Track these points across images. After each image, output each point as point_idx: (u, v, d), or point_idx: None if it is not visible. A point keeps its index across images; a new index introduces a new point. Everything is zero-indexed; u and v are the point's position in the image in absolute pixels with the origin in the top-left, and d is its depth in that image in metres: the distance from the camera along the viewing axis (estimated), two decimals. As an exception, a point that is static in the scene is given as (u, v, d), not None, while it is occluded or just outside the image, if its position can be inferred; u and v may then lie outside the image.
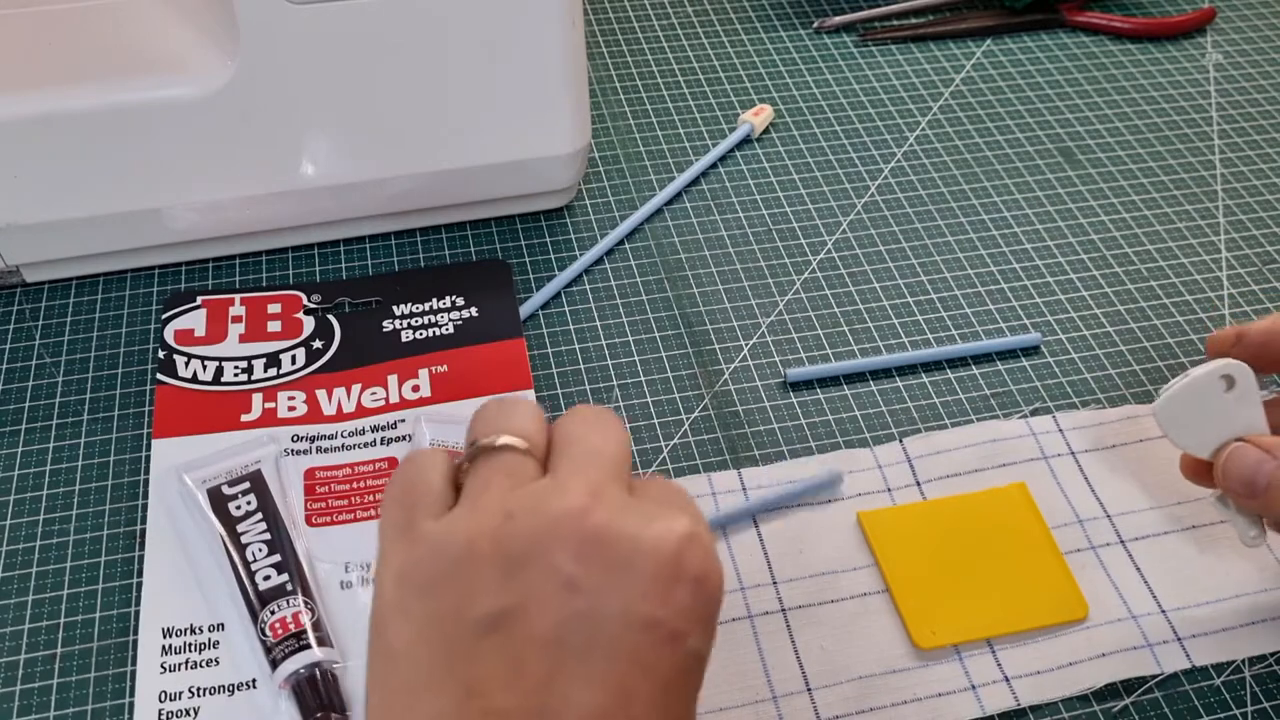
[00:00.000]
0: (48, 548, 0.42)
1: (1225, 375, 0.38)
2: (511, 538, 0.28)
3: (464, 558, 0.28)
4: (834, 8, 0.68)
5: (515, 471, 0.29)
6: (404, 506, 0.30)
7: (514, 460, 0.30)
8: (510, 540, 0.28)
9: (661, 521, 0.28)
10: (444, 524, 0.29)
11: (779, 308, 0.51)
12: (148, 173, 0.47)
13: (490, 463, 0.30)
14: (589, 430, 0.31)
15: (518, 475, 0.29)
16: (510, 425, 0.31)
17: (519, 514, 0.28)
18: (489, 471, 0.29)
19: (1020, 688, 0.39)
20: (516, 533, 0.28)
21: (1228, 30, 0.68)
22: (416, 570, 0.28)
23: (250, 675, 0.38)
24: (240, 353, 0.47)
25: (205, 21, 0.48)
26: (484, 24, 0.46)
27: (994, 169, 0.58)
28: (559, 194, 0.54)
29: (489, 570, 0.27)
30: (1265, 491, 0.37)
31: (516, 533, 0.28)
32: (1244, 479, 0.37)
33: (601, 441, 0.30)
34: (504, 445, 0.30)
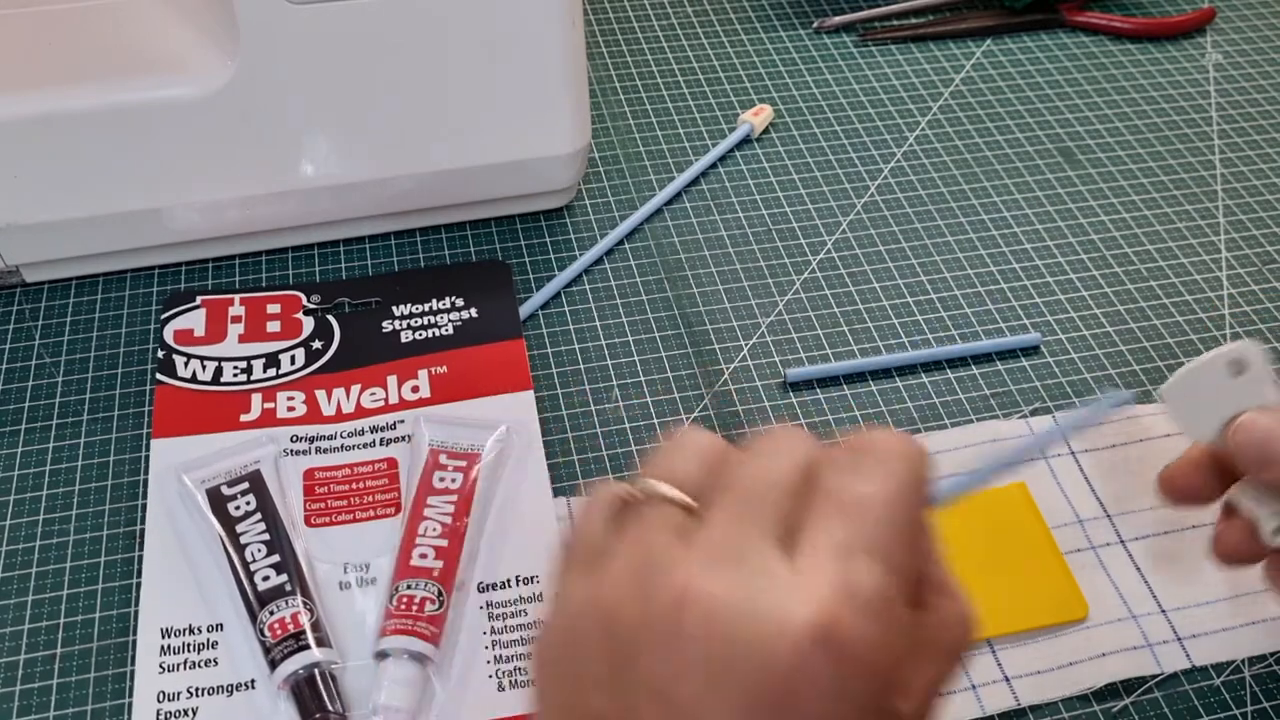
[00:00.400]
0: (47, 548, 0.42)
1: (1234, 360, 0.36)
2: (619, 621, 0.25)
3: (582, 638, 0.26)
4: (834, 8, 0.68)
5: (655, 526, 0.27)
6: (565, 549, 0.29)
7: (656, 513, 0.27)
8: (619, 625, 0.25)
9: (789, 595, 0.24)
10: (580, 585, 0.27)
11: (779, 308, 0.51)
12: (148, 173, 0.47)
13: (637, 515, 0.28)
14: (750, 461, 0.27)
15: (656, 532, 0.27)
16: (669, 466, 0.28)
17: (632, 589, 0.26)
18: (633, 526, 0.28)
19: (1020, 688, 0.39)
20: (625, 616, 0.25)
21: (1228, 30, 0.68)
22: (549, 636, 0.27)
23: (249, 676, 0.38)
24: (240, 353, 0.47)
25: (205, 21, 0.48)
26: (484, 24, 0.46)
27: (994, 169, 0.58)
28: (559, 194, 0.54)
29: (599, 662, 0.25)
30: None
31: (625, 616, 0.25)
32: (1257, 446, 0.35)
33: (756, 473, 0.27)
34: (650, 493, 0.28)
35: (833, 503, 0.26)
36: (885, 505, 0.26)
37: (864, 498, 0.26)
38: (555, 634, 0.27)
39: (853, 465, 0.27)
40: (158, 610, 0.39)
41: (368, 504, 0.42)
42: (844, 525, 0.25)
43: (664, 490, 0.28)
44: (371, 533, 0.42)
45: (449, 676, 0.38)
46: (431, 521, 0.40)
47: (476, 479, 0.42)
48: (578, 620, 0.26)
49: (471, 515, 0.41)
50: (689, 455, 0.29)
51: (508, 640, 0.39)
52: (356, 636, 0.39)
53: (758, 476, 0.27)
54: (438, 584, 0.39)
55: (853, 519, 0.26)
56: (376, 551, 0.41)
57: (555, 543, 0.29)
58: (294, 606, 0.38)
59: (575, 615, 0.27)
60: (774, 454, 0.28)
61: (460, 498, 0.41)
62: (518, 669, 0.38)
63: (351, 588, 0.40)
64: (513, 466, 0.44)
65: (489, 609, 0.40)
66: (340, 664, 0.38)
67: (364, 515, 0.42)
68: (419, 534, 0.40)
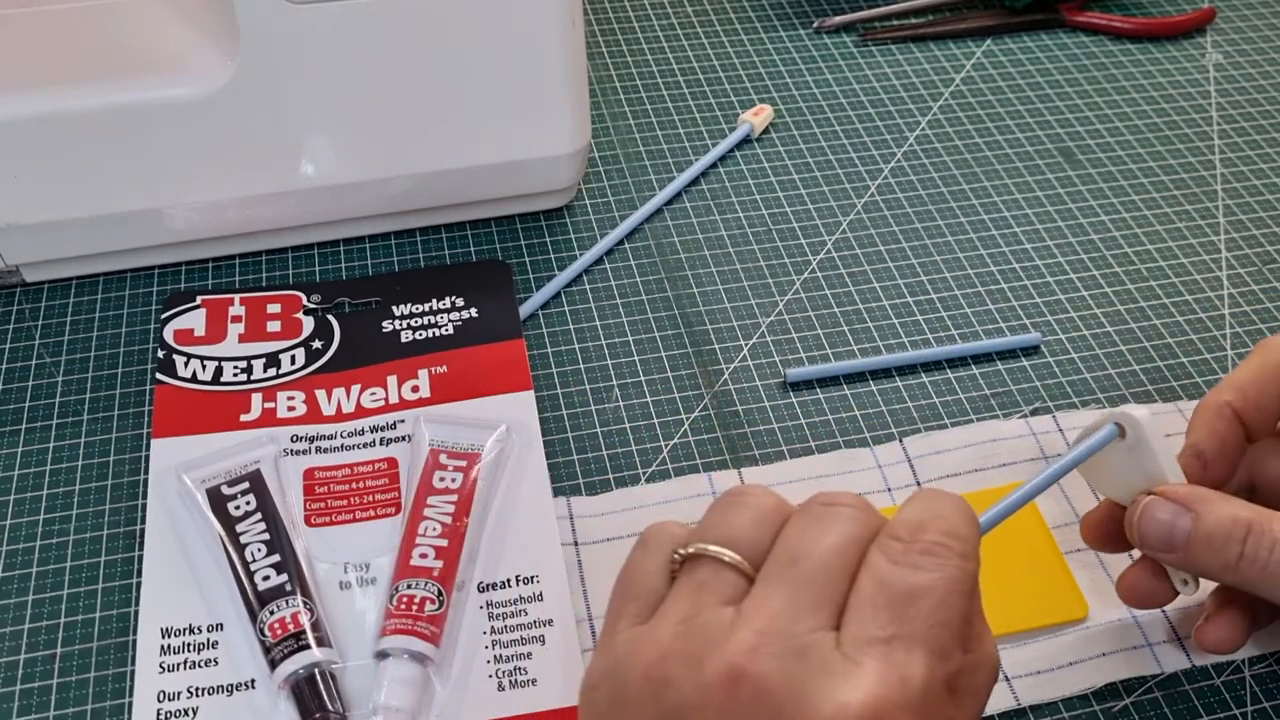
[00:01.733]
0: (47, 548, 0.42)
1: (1117, 423, 0.36)
2: (671, 688, 0.26)
3: (632, 698, 0.26)
4: (834, 8, 0.68)
5: (708, 587, 0.27)
6: (617, 596, 0.29)
7: (711, 575, 0.28)
8: (670, 691, 0.26)
9: (840, 684, 0.24)
10: (631, 639, 0.27)
11: (779, 308, 0.51)
12: (148, 173, 0.47)
13: (690, 573, 0.28)
14: (808, 531, 0.28)
15: (709, 594, 0.27)
16: (728, 527, 0.29)
17: (680, 657, 0.26)
18: (685, 584, 0.28)
19: (1020, 687, 0.39)
20: (676, 683, 0.26)
21: (1228, 30, 0.68)
22: (599, 687, 0.27)
23: (249, 675, 0.38)
24: (240, 353, 0.47)
25: (205, 21, 0.48)
26: (484, 24, 0.46)
27: (994, 169, 0.58)
28: (559, 194, 0.54)
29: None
30: (1185, 547, 0.35)
31: (676, 683, 0.26)
32: (1161, 537, 0.35)
33: (813, 547, 0.27)
34: (704, 553, 0.28)
35: (885, 593, 0.26)
36: (938, 600, 0.26)
37: (916, 589, 0.26)
38: (605, 687, 0.27)
39: (905, 553, 0.27)
40: (158, 610, 0.39)
41: (368, 504, 0.42)
42: (896, 618, 0.26)
43: (724, 555, 0.28)
44: (371, 532, 0.42)
45: (449, 676, 0.38)
46: (431, 521, 0.40)
47: (476, 479, 0.42)
48: (629, 677, 0.27)
49: (471, 515, 0.41)
50: (748, 518, 0.29)
51: (508, 640, 0.39)
52: (356, 636, 0.39)
53: (814, 553, 0.27)
54: (438, 584, 0.39)
55: (904, 610, 0.26)
56: (376, 551, 0.41)
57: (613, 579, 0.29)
58: (294, 606, 0.38)
59: (627, 672, 0.27)
60: (832, 525, 0.28)
61: (460, 498, 0.41)
62: (518, 669, 0.38)
63: (351, 587, 0.40)
64: (513, 466, 0.44)
65: (489, 609, 0.40)
66: (340, 664, 0.38)
67: (364, 515, 0.42)
68: (419, 534, 0.40)
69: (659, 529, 0.30)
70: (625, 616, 0.28)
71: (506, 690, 0.38)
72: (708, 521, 0.29)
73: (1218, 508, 0.35)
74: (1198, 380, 0.48)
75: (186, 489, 0.42)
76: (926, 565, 0.27)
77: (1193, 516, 0.35)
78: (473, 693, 0.38)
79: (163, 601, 0.39)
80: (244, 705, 0.37)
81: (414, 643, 0.37)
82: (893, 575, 0.27)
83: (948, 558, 0.27)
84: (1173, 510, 0.35)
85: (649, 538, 0.30)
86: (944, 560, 0.27)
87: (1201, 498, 0.35)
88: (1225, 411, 0.37)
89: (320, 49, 0.45)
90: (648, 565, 0.29)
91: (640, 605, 0.28)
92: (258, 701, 0.37)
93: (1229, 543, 0.34)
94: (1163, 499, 0.36)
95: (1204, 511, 0.35)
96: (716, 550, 0.28)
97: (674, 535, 0.30)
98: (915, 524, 0.28)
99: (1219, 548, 0.34)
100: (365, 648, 0.38)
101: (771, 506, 0.29)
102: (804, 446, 0.46)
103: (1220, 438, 0.37)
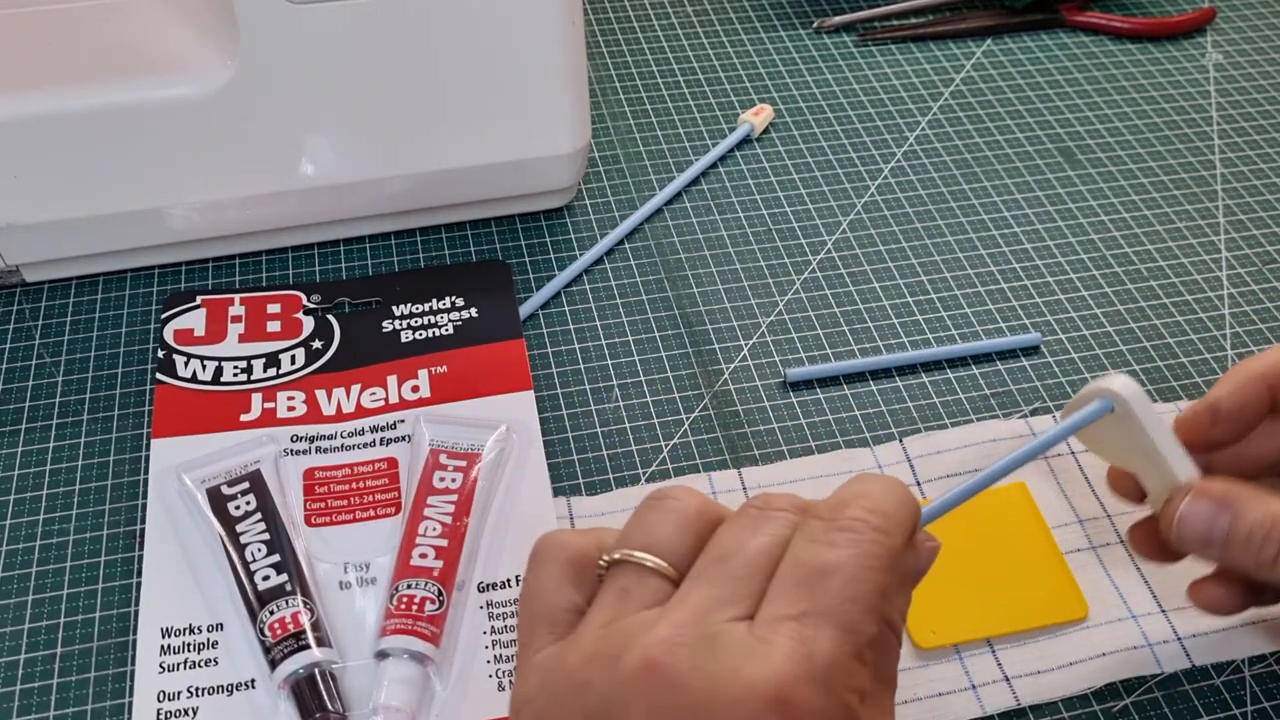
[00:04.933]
0: (47, 548, 0.42)
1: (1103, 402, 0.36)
2: (589, 689, 0.26)
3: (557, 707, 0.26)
4: (834, 8, 0.68)
5: (631, 593, 0.27)
6: (524, 618, 0.29)
7: (634, 580, 0.28)
8: (588, 693, 0.26)
9: (748, 664, 0.24)
10: (556, 652, 0.27)
11: (779, 308, 0.51)
12: (148, 173, 0.47)
13: (612, 579, 0.28)
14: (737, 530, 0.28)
15: (631, 600, 0.27)
16: (648, 531, 0.29)
17: (602, 660, 0.26)
18: (609, 590, 0.28)
19: (1020, 687, 0.39)
20: (594, 683, 0.26)
21: (1228, 30, 0.68)
22: (530, 703, 0.27)
23: (249, 675, 0.38)
24: (240, 353, 0.47)
25: (205, 21, 0.48)
26: (484, 24, 0.46)
27: (994, 169, 0.58)
28: (559, 194, 0.54)
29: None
30: (1223, 545, 0.35)
31: (594, 683, 0.26)
32: (1199, 536, 0.35)
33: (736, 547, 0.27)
34: (628, 559, 0.28)
35: (799, 571, 0.27)
36: (849, 574, 0.26)
37: (827, 566, 0.27)
38: (537, 700, 0.27)
39: (823, 531, 0.27)
40: (158, 610, 0.39)
41: (368, 504, 0.42)
42: (805, 593, 0.26)
43: (645, 560, 0.28)
44: (371, 532, 0.42)
45: (449, 676, 0.38)
46: (432, 521, 0.40)
47: (476, 479, 0.42)
48: (557, 686, 0.27)
49: (471, 515, 0.41)
50: (672, 521, 0.29)
51: (508, 640, 0.39)
52: (356, 636, 0.39)
53: (741, 552, 0.27)
54: (438, 584, 0.39)
55: (814, 587, 0.26)
56: (376, 551, 0.41)
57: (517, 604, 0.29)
58: (294, 606, 0.38)
59: (555, 682, 0.27)
60: (759, 526, 0.28)
61: (460, 498, 0.41)
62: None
63: (351, 587, 0.40)
64: (513, 466, 0.44)
65: (489, 609, 0.40)
66: (340, 664, 0.38)
67: (364, 515, 0.42)
68: (419, 534, 0.40)
69: (545, 541, 0.30)
70: (538, 635, 0.28)
71: (506, 690, 0.38)
72: (631, 525, 0.29)
73: (1255, 506, 0.35)
74: (1198, 380, 0.48)
75: (186, 489, 0.42)
76: (840, 541, 0.27)
77: (1232, 515, 0.35)
78: (473, 693, 0.38)
79: (163, 601, 0.39)
80: (244, 705, 0.37)
81: (414, 643, 0.37)
82: (806, 553, 0.27)
83: (863, 532, 0.27)
84: (1211, 509, 0.35)
85: (537, 553, 0.30)
86: (859, 535, 0.27)
87: (1238, 495, 0.35)
88: (1259, 382, 0.37)
89: (320, 49, 0.45)
90: (544, 581, 0.29)
91: (550, 621, 0.29)
92: (258, 701, 0.37)
93: (1267, 542, 0.34)
94: (1200, 497, 0.35)
95: (1242, 510, 0.35)
96: (639, 556, 0.28)
97: (564, 544, 0.30)
98: (837, 503, 0.28)
99: (1257, 547, 0.34)
100: (365, 648, 0.38)
101: (695, 509, 0.29)
102: (804, 446, 0.46)
103: (1243, 400, 0.37)
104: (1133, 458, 0.37)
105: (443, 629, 0.38)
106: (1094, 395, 0.36)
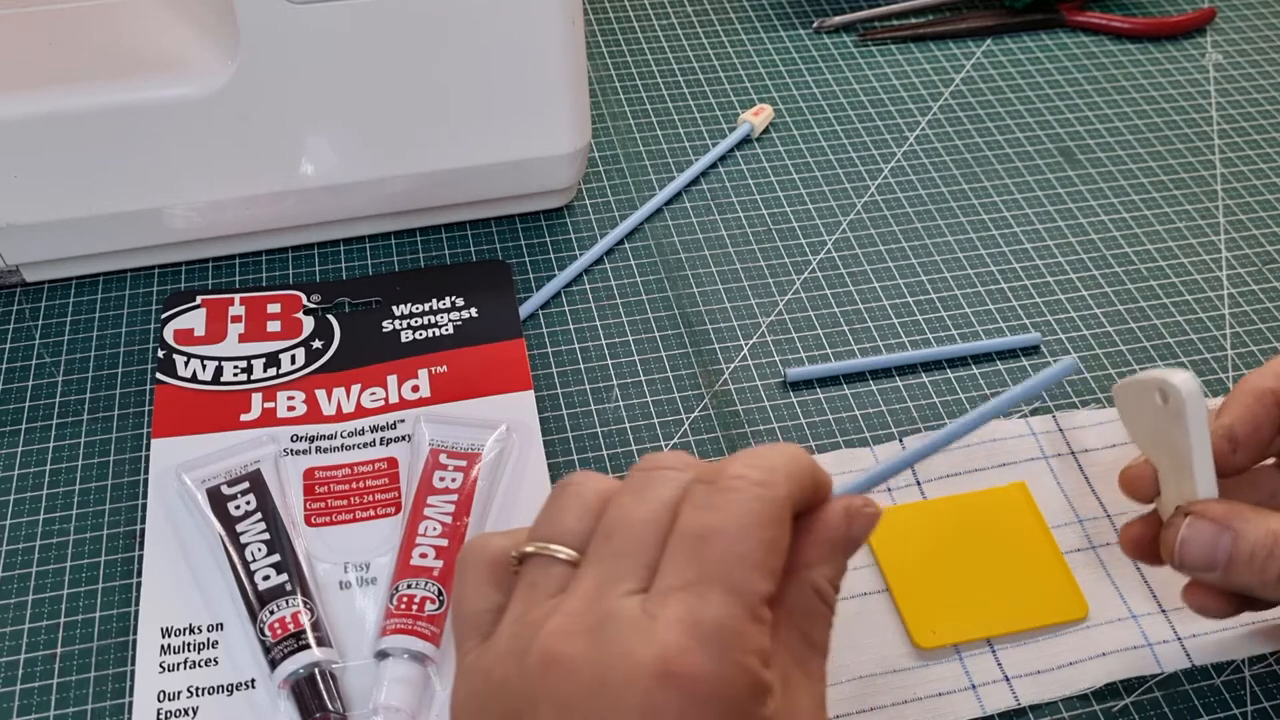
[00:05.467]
0: (48, 548, 0.42)
1: (1160, 388, 0.35)
2: (505, 687, 0.26)
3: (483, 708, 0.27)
4: (834, 8, 0.68)
5: (538, 586, 0.28)
6: (456, 625, 0.29)
7: (540, 572, 0.28)
8: (506, 692, 0.26)
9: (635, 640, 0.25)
10: (479, 655, 0.28)
11: (779, 308, 0.51)
12: (148, 173, 0.47)
13: (523, 575, 0.28)
14: (624, 505, 0.28)
15: (537, 590, 0.27)
16: (553, 521, 0.29)
17: (513, 656, 0.26)
18: (519, 586, 0.28)
19: (1020, 687, 0.39)
20: (510, 683, 0.26)
21: (1228, 30, 0.68)
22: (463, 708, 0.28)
23: (249, 675, 0.38)
24: (240, 352, 0.47)
25: (205, 21, 0.48)
26: (484, 24, 0.46)
27: (994, 169, 0.58)
28: (559, 194, 0.54)
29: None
30: (1226, 566, 0.35)
31: (510, 683, 0.26)
32: (1203, 558, 0.35)
33: (625, 521, 0.27)
34: (533, 553, 0.28)
35: (684, 539, 0.27)
36: (731, 535, 0.26)
37: (710, 530, 0.26)
38: (470, 704, 0.27)
39: (706, 496, 0.27)
40: (158, 610, 0.39)
41: (368, 504, 0.42)
42: (691, 561, 0.26)
43: (548, 549, 0.28)
44: (372, 532, 0.42)
45: (449, 676, 0.38)
46: (432, 521, 0.40)
47: (477, 479, 0.42)
48: (481, 689, 0.27)
49: (472, 515, 0.41)
50: (574, 507, 0.29)
51: (508, 640, 0.39)
52: (357, 636, 0.39)
53: (626, 525, 0.27)
54: (438, 584, 0.39)
55: (699, 553, 0.26)
56: (377, 551, 0.41)
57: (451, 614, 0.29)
58: (294, 606, 0.38)
59: (479, 685, 0.27)
60: (645, 494, 0.28)
61: (460, 497, 0.41)
62: (518, 669, 0.38)
63: (352, 587, 0.40)
64: (513, 466, 0.44)
65: (489, 609, 0.40)
66: (340, 663, 0.38)
67: (364, 515, 0.42)
68: (419, 533, 0.40)
69: (469, 547, 0.31)
70: (468, 640, 0.29)
71: (506, 690, 0.38)
72: (539, 519, 0.29)
73: (1255, 524, 0.34)
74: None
75: (187, 489, 0.42)
76: (720, 503, 0.27)
77: (1232, 535, 0.34)
78: (473, 692, 0.38)
79: (163, 601, 0.39)
80: (244, 705, 0.37)
81: (414, 642, 0.37)
82: (689, 520, 0.27)
83: (744, 488, 0.27)
84: (1212, 530, 0.35)
85: (461, 559, 0.30)
86: (739, 493, 0.27)
87: (1239, 514, 0.35)
88: (1266, 398, 0.36)
89: (320, 49, 0.45)
90: (468, 586, 0.29)
91: (475, 625, 0.29)
92: (258, 701, 0.37)
93: (1270, 560, 0.34)
94: (1201, 519, 0.35)
95: (1243, 529, 0.34)
96: (541, 546, 0.28)
97: (484, 547, 0.30)
98: (720, 465, 0.28)
99: (1260, 565, 0.34)
100: (365, 647, 0.38)
101: (596, 492, 0.29)
102: (804, 446, 0.46)
103: (1255, 422, 0.36)
104: (1163, 454, 0.37)
105: (443, 629, 0.38)
106: (1155, 384, 0.35)
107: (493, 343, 0.48)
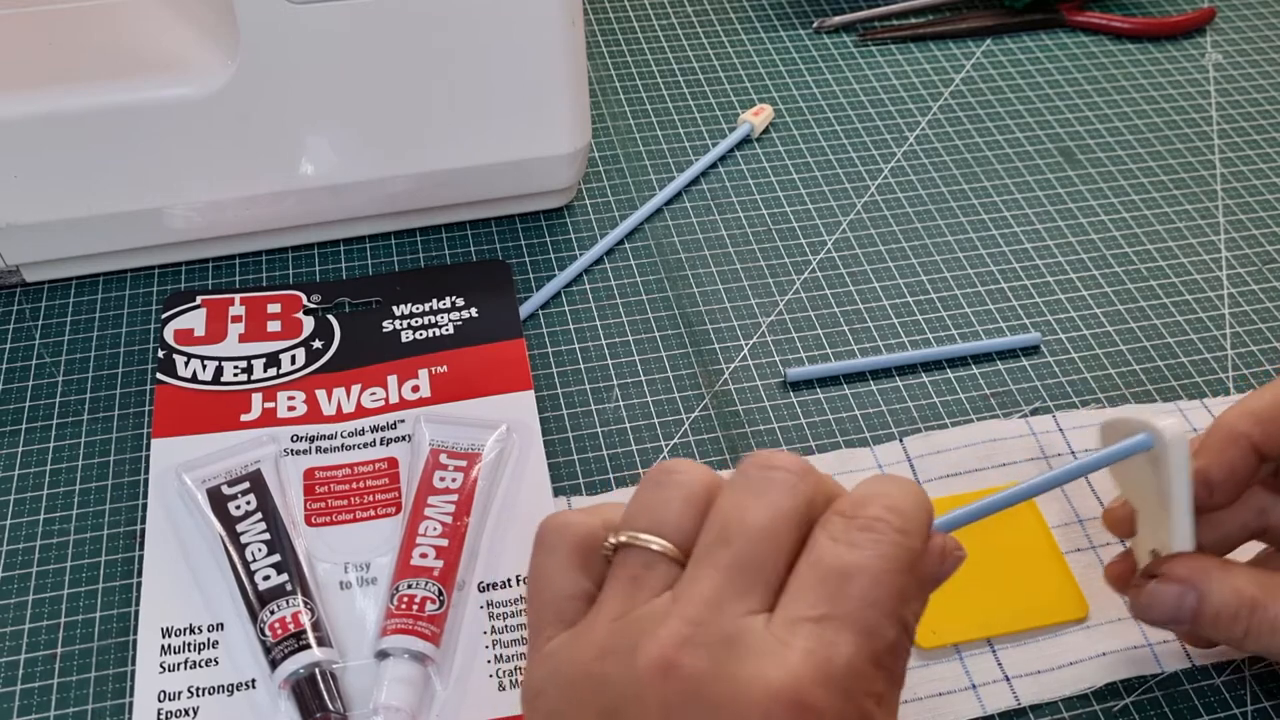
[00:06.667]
0: (48, 548, 0.42)
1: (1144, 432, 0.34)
2: (605, 684, 0.26)
3: (573, 699, 0.26)
4: (834, 8, 0.68)
5: (641, 581, 0.27)
6: (533, 605, 0.28)
7: (642, 567, 0.27)
8: (607, 690, 0.26)
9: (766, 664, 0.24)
10: (568, 641, 0.27)
11: (779, 308, 0.51)
12: (148, 173, 0.47)
13: (620, 565, 0.28)
14: (741, 507, 0.27)
15: (640, 586, 0.27)
16: (654, 510, 0.28)
17: (618, 654, 0.26)
18: (618, 577, 0.27)
19: (1020, 687, 0.39)
20: (610, 678, 0.26)
21: (1228, 30, 0.68)
22: (543, 695, 0.27)
23: (250, 675, 0.38)
24: (240, 352, 0.47)
25: (205, 21, 0.48)
26: (483, 24, 0.46)
27: (994, 169, 0.58)
28: (559, 194, 0.54)
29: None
30: (1192, 623, 0.35)
31: (610, 678, 0.26)
32: (1167, 616, 0.35)
33: (747, 527, 0.27)
34: (634, 542, 0.28)
35: (821, 571, 0.26)
36: (871, 578, 0.26)
37: (849, 568, 0.26)
38: (550, 692, 0.27)
39: (845, 530, 0.27)
40: (158, 610, 0.39)
41: (368, 504, 0.42)
42: (826, 596, 0.26)
43: (652, 544, 0.27)
44: (372, 532, 0.42)
45: (449, 676, 0.38)
46: (432, 521, 0.40)
47: (477, 479, 0.42)
48: (571, 678, 0.26)
49: (472, 515, 0.41)
50: (678, 498, 0.28)
51: (508, 640, 0.39)
52: (357, 636, 0.39)
53: (745, 533, 0.27)
54: (438, 583, 0.39)
55: (839, 590, 0.26)
56: (377, 551, 0.41)
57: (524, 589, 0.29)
58: (294, 606, 0.38)
59: (568, 674, 0.27)
60: (765, 495, 0.27)
61: (460, 497, 0.41)
62: (518, 668, 0.38)
63: (352, 587, 0.40)
64: (513, 466, 0.44)
65: (489, 608, 0.40)
66: (341, 663, 0.38)
67: (364, 515, 0.42)
68: (419, 533, 0.40)
69: (550, 525, 0.30)
70: (548, 623, 0.28)
71: (507, 690, 0.38)
72: (636, 504, 0.29)
73: (1221, 584, 0.34)
74: (1198, 380, 0.48)
75: (187, 489, 0.42)
76: (862, 542, 0.27)
77: (1197, 595, 0.34)
78: (473, 692, 0.38)
79: (163, 601, 0.39)
80: (244, 705, 0.37)
81: (414, 642, 0.37)
82: (828, 553, 0.27)
83: (885, 533, 0.27)
84: (1177, 591, 0.35)
85: (542, 537, 0.29)
86: (880, 536, 0.27)
87: (1204, 574, 0.35)
88: (1242, 442, 0.36)
89: (320, 49, 0.45)
90: (551, 567, 0.29)
91: (558, 609, 0.28)
92: (258, 701, 0.37)
93: (1235, 621, 0.34)
94: (1166, 580, 0.35)
95: (1208, 590, 0.34)
96: (645, 539, 0.28)
97: (569, 526, 0.29)
98: (858, 500, 0.28)
99: (1226, 625, 0.34)
100: (365, 647, 0.38)
101: (702, 484, 0.29)
102: (804, 446, 0.46)
103: (1231, 467, 0.36)
104: (1141, 496, 0.36)
105: (443, 629, 0.38)
106: (1140, 428, 0.35)
107: (493, 343, 0.48)
